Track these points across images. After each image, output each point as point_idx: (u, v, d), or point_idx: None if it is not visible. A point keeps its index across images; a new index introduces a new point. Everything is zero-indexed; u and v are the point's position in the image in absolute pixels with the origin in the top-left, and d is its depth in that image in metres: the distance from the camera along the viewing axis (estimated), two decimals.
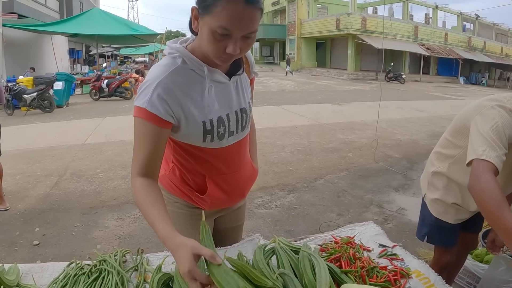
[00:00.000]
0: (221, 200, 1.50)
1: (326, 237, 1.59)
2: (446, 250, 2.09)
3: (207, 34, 1.12)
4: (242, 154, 1.51)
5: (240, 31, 1.10)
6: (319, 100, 14.56)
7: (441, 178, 1.97)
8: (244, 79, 1.44)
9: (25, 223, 3.98)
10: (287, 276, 1.12)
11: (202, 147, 1.34)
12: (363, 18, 29.66)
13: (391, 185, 5.22)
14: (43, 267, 1.42)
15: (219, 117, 1.31)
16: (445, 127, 2.24)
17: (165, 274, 1.21)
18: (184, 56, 1.25)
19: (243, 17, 1.08)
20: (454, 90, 23.55)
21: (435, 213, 2.02)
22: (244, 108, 1.41)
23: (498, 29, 42.54)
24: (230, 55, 1.15)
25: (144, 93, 1.20)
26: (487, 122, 1.56)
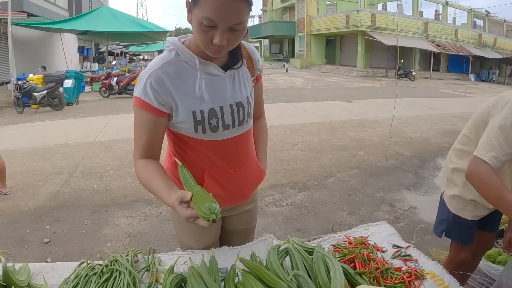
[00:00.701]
0: (220, 197, 1.48)
1: (340, 237, 1.57)
2: (463, 248, 2.08)
3: (196, 26, 1.17)
4: (243, 151, 1.51)
5: (225, 23, 1.13)
6: (329, 98, 14.49)
7: (460, 174, 1.95)
8: (244, 74, 1.46)
9: (36, 221, 4.00)
10: (302, 278, 1.10)
11: (198, 138, 1.37)
12: (373, 15, 29.48)
13: (402, 184, 5.16)
14: (54, 266, 1.41)
15: (211, 109, 1.34)
16: (457, 125, 2.24)
17: (177, 275, 1.20)
18: (177, 49, 1.31)
19: (227, 8, 1.10)
20: (464, 87, 23.32)
21: (453, 209, 2.03)
22: (241, 102, 1.42)
23: (509, 26, 42.00)
24: (219, 46, 1.18)
25: (139, 83, 1.28)
26: (498, 119, 1.59)
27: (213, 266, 1.22)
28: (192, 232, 1.59)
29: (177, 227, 1.67)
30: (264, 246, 1.50)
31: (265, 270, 1.11)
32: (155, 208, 4.28)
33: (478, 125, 1.88)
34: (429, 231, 3.54)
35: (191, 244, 1.59)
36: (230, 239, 1.67)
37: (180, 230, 1.65)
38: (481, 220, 2.02)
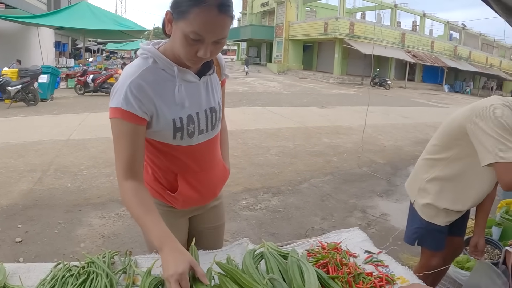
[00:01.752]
0: (193, 199, 1.54)
1: (313, 243, 1.62)
2: (435, 254, 2.17)
3: (180, 38, 1.18)
4: (212, 153, 1.56)
5: (211, 37, 1.17)
6: (305, 103, 14.66)
7: (435, 183, 2.08)
8: (214, 79, 1.50)
9: (8, 219, 3.92)
10: (277, 281, 1.14)
11: (173, 144, 1.39)
12: (351, 23, 29.92)
13: (375, 191, 5.29)
14: (29, 267, 1.40)
15: (189, 115, 1.37)
16: (430, 134, 2.35)
17: (155, 278, 1.21)
18: (155, 57, 1.31)
19: (215, 24, 1.15)
20: (438, 98, 23.93)
21: (426, 217, 2.11)
22: (214, 107, 1.46)
23: (484, 39, 43.33)
24: (201, 58, 1.22)
25: (118, 93, 1.24)
26: (491, 122, 1.70)
27: None
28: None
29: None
30: (240, 250, 1.53)
31: (242, 273, 1.15)
32: None
33: (451, 132, 1.99)
34: (400, 237, 3.64)
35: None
36: (199, 240, 1.64)
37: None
38: (451, 225, 2.12)
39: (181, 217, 1.62)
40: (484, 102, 1.83)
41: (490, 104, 1.77)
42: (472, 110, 1.84)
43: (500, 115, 1.71)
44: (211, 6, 1.11)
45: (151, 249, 1.60)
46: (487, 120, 1.72)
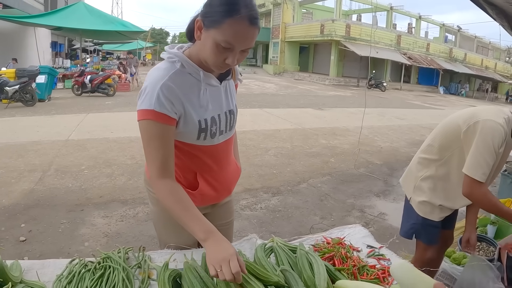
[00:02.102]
0: (210, 197, 1.61)
1: (318, 238, 1.69)
2: (429, 247, 2.31)
3: (211, 46, 1.25)
4: (229, 152, 1.65)
5: (241, 46, 1.25)
6: (302, 105, 14.75)
7: (429, 181, 2.22)
8: (232, 84, 1.59)
9: (10, 219, 3.96)
10: (288, 272, 1.22)
11: (195, 144, 1.46)
12: (348, 25, 30.06)
13: (372, 191, 5.38)
14: (44, 263, 1.43)
15: (212, 117, 1.44)
16: (425, 136, 2.44)
17: (173, 271, 1.27)
18: (182, 61, 1.38)
19: (246, 35, 1.23)
20: (433, 100, 24.09)
21: (422, 213, 2.25)
22: (232, 109, 1.56)
23: (479, 42, 43.65)
24: (227, 65, 1.30)
25: (148, 96, 1.31)
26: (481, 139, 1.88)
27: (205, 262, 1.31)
28: (173, 233, 1.64)
29: (159, 227, 1.73)
30: (249, 245, 1.60)
31: (255, 265, 1.22)
32: (131, 209, 4.32)
33: (443, 135, 2.15)
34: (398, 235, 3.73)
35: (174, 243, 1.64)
36: None
37: (163, 230, 1.71)
38: (444, 219, 2.26)
39: None
40: (485, 112, 1.95)
41: (489, 119, 1.89)
42: (473, 117, 1.97)
43: (492, 135, 1.86)
44: (243, 18, 1.19)
45: (163, 245, 1.67)
46: (479, 135, 1.89)
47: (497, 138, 1.86)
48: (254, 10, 1.23)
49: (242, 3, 1.20)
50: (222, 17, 1.19)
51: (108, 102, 12.84)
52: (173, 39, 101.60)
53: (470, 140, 1.94)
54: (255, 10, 1.24)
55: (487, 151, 1.85)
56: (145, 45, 27.81)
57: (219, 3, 1.21)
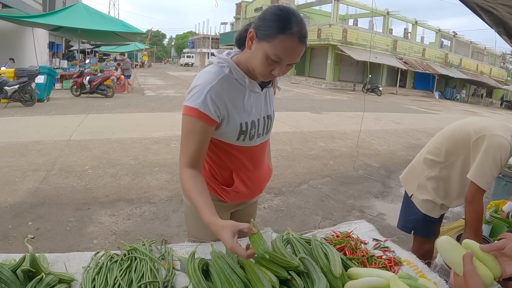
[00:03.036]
0: (243, 194, 1.73)
1: (327, 232, 1.82)
2: (427, 241, 2.50)
3: (261, 57, 1.37)
4: (264, 154, 1.77)
5: (288, 61, 1.37)
6: (299, 108, 14.88)
7: (433, 181, 2.39)
8: (271, 91, 1.72)
9: (17, 217, 4.02)
10: (307, 260, 1.33)
11: (234, 144, 1.58)
12: (344, 30, 30.28)
13: (371, 192, 5.52)
14: (69, 256, 1.50)
15: (252, 121, 1.57)
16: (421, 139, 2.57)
17: (201, 259, 1.37)
18: (231, 67, 1.50)
19: (295, 51, 1.34)
20: (429, 104, 24.30)
21: (424, 210, 2.42)
22: (270, 115, 1.69)
23: (475, 47, 44.03)
24: (273, 76, 1.42)
25: (196, 95, 1.43)
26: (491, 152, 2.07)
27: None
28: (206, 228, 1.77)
29: (191, 222, 1.84)
30: (265, 238, 1.71)
31: (275, 253, 1.33)
32: (137, 208, 4.41)
33: (452, 141, 2.31)
34: (397, 234, 3.84)
35: (202, 236, 1.74)
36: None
37: (194, 223, 1.80)
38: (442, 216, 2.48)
39: (226, 211, 1.80)
40: (494, 128, 2.12)
41: (499, 134, 2.08)
42: (484, 129, 2.14)
43: (500, 150, 2.05)
44: (294, 35, 1.31)
45: (191, 237, 1.78)
46: (489, 148, 2.07)
47: (504, 153, 2.05)
48: (304, 29, 1.35)
49: (294, 22, 1.32)
50: (275, 32, 1.31)
51: (108, 103, 12.92)
52: (169, 41, 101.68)
53: (478, 149, 2.11)
54: (305, 30, 1.36)
55: (494, 164, 2.03)
56: (143, 47, 27.93)
57: (274, 19, 1.33)
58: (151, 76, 28.18)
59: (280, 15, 1.33)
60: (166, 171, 5.71)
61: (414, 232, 2.52)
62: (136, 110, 11.76)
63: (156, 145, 7.27)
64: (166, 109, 12.24)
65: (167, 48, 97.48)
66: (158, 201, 4.67)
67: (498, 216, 3.19)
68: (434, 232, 2.49)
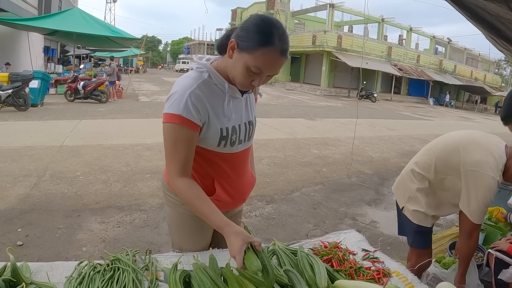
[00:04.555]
0: (226, 203, 1.69)
1: (315, 242, 1.79)
2: (425, 252, 2.45)
3: (242, 68, 1.36)
4: (246, 162, 1.74)
5: (269, 73, 1.38)
6: (293, 115, 14.90)
7: (423, 193, 2.37)
8: (252, 97, 1.70)
9: (7, 223, 3.97)
10: (291, 272, 1.31)
11: (215, 151, 1.56)
12: (339, 36, 30.43)
13: (363, 200, 5.50)
14: (52, 265, 1.48)
15: (233, 127, 1.55)
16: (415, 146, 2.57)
17: (183, 271, 1.35)
18: (210, 72, 1.49)
19: (276, 64, 1.36)
20: (423, 111, 24.42)
21: (416, 220, 2.39)
22: (251, 121, 1.66)
23: (469, 54, 44.38)
24: (253, 86, 1.43)
25: (177, 101, 1.41)
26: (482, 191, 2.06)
27: (213, 263, 1.40)
28: (188, 236, 1.75)
29: (175, 232, 1.80)
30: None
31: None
32: (127, 215, 4.37)
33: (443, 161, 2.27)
34: (390, 242, 3.85)
35: (185, 246, 1.74)
36: (220, 243, 1.77)
37: (177, 233, 1.79)
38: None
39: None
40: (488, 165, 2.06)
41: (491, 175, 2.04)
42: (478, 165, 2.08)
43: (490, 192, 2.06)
44: (276, 49, 1.31)
45: (176, 247, 1.76)
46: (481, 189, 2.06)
47: (493, 194, 2.08)
48: (286, 43, 1.35)
49: (276, 35, 1.31)
50: (257, 45, 1.31)
51: (101, 108, 12.87)
52: (164, 47, 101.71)
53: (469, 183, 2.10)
54: (287, 44, 1.36)
55: (486, 204, 2.07)
56: (139, 52, 27.88)
57: (256, 31, 1.32)
58: (146, 82, 28.14)
59: (262, 27, 1.32)
60: (158, 178, 5.66)
61: (413, 245, 2.50)
62: (129, 116, 11.72)
63: (148, 152, 7.23)
64: (159, 115, 11.91)
65: (163, 53, 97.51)
66: (149, 208, 4.63)
67: (491, 223, 3.20)
68: (430, 242, 2.48)
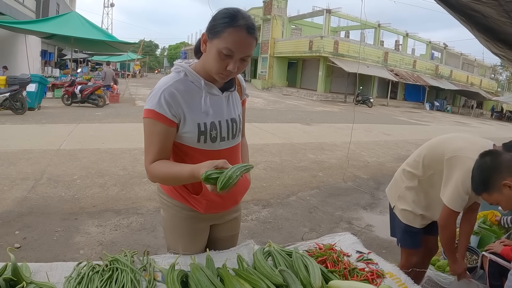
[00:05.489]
0: (215, 203, 1.71)
1: (310, 244, 1.83)
2: (413, 252, 2.51)
3: (214, 54, 1.44)
4: (234, 161, 1.72)
5: (240, 53, 1.44)
6: (290, 120, 14.94)
7: (413, 192, 2.43)
8: (236, 96, 1.75)
9: (4, 226, 3.99)
10: (286, 273, 1.35)
11: (198, 148, 1.60)
12: (336, 42, 30.50)
13: (359, 204, 5.54)
14: (52, 266, 1.52)
15: (212, 122, 1.60)
16: (411, 151, 2.61)
17: (180, 271, 1.38)
18: (186, 71, 1.58)
19: (244, 43, 1.43)
20: (420, 116, 24.54)
21: (405, 220, 2.46)
22: (234, 118, 1.70)
23: (465, 59, 44.60)
24: (230, 72, 1.47)
25: (152, 98, 1.50)
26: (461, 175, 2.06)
27: (210, 263, 1.44)
28: (182, 239, 1.78)
29: (169, 234, 1.84)
30: (247, 250, 1.73)
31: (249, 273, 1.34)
32: (125, 219, 4.39)
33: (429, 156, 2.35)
34: (385, 246, 3.89)
35: (179, 249, 1.76)
36: (216, 246, 1.85)
37: (171, 235, 1.82)
38: (426, 226, 2.48)
39: (203, 222, 1.79)
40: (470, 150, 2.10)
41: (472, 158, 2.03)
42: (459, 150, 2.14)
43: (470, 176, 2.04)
44: (242, 27, 1.40)
45: (170, 249, 1.79)
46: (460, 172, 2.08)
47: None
48: (250, 21, 1.44)
49: (240, 16, 1.41)
50: (224, 27, 1.40)
51: (98, 113, 12.87)
52: (162, 51, 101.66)
53: (450, 170, 2.13)
54: (251, 22, 1.44)
55: (465, 189, 2.05)
56: (136, 57, 27.95)
57: (222, 16, 1.42)
58: (143, 86, 28.12)
59: (227, 13, 1.43)
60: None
61: (400, 244, 2.56)
62: (126, 120, 11.72)
63: None
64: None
65: (160, 58, 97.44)
66: (146, 212, 4.65)
67: (486, 226, 3.25)
68: (419, 242, 2.50)
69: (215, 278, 1.33)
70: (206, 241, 1.87)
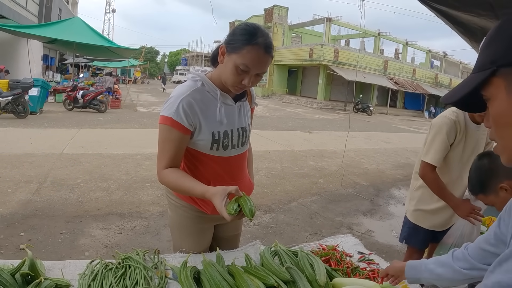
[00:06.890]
0: None
1: (314, 245, 1.90)
2: (417, 251, 2.65)
3: (231, 68, 1.51)
4: (241, 167, 1.85)
5: (256, 70, 1.52)
6: (290, 127, 15.03)
7: (420, 191, 2.58)
8: (246, 106, 1.83)
9: (9, 227, 4.04)
10: (293, 270, 1.42)
11: (209, 154, 1.68)
12: (336, 50, 30.65)
13: (359, 210, 5.61)
14: (65, 264, 1.58)
15: (225, 131, 1.68)
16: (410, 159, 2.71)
17: (193, 267, 1.45)
18: (203, 81, 1.64)
19: (261, 60, 1.50)
20: (419, 124, 24.59)
21: (413, 219, 2.60)
22: (244, 127, 1.79)
23: (464, 67, 44.68)
24: (244, 86, 1.55)
25: (170, 105, 1.57)
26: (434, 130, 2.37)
27: (221, 261, 1.51)
28: (188, 238, 1.85)
29: (176, 233, 1.92)
30: (253, 250, 1.81)
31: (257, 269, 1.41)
32: (129, 222, 4.45)
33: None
34: (384, 250, 3.95)
35: (185, 248, 1.83)
36: (220, 245, 1.90)
37: (178, 234, 1.90)
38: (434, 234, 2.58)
39: (208, 223, 1.88)
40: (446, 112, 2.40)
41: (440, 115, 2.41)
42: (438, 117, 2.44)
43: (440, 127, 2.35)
44: (260, 46, 1.47)
45: (177, 249, 1.86)
46: (432, 129, 2.39)
47: (445, 128, 2.31)
48: (269, 40, 1.51)
49: (259, 34, 1.48)
50: (243, 44, 1.47)
51: (100, 118, 12.96)
52: (162, 58, 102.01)
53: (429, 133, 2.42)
54: (269, 40, 1.51)
55: (438, 140, 2.30)
56: (137, 63, 28.04)
57: (241, 33, 1.49)
58: (144, 92, 28.24)
59: (246, 29, 1.49)
60: (158, 187, 5.74)
61: (405, 241, 2.69)
62: (128, 125, 11.81)
63: (148, 161, 7.31)
64: (157, 126, 12.18)
65: (160, 64, 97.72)
66: (150, 216, 4.71)
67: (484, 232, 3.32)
68: (423, 244, 2.65)
69: (226, 273, 1.41)
70: (211, 239, 1.96)
